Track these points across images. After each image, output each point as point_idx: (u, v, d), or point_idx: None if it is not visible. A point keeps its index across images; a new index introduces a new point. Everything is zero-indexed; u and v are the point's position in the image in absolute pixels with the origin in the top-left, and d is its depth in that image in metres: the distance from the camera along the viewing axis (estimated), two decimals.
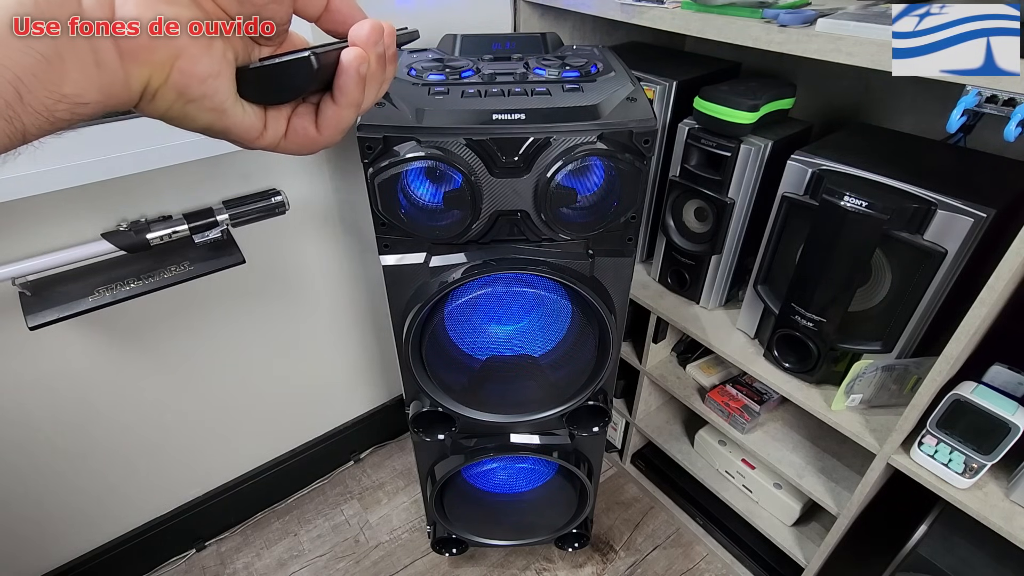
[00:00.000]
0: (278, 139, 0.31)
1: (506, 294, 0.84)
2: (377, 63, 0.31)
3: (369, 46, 0.30)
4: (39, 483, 1.06)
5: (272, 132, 0.31)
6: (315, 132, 0.32)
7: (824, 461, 1.09)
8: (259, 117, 0.30)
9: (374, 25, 0.31)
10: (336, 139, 0.33)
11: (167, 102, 0.26)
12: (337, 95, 0.31)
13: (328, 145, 0.33)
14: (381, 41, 0.31)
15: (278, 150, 0.32)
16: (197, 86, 0.26)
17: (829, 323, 0.89)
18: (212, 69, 0.26)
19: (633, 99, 0.68)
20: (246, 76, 0.28)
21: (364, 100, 0.32)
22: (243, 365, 1.21)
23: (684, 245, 1.10)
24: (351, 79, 0.30)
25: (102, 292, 0.87)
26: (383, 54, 0.32)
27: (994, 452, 0.75)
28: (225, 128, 0.28)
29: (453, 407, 0.90)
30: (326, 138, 0.32)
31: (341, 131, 0.33)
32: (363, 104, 0.32)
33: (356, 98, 0.31)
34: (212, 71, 0.26)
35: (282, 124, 0.31)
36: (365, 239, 1.23)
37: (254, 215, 0.99)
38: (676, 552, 1.34)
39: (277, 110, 0.31)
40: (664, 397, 1.42)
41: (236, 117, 0.28)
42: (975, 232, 0.73)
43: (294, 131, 0.31)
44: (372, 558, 1.32)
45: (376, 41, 0.31)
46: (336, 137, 0.33)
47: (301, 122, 0.31)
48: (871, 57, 0.66)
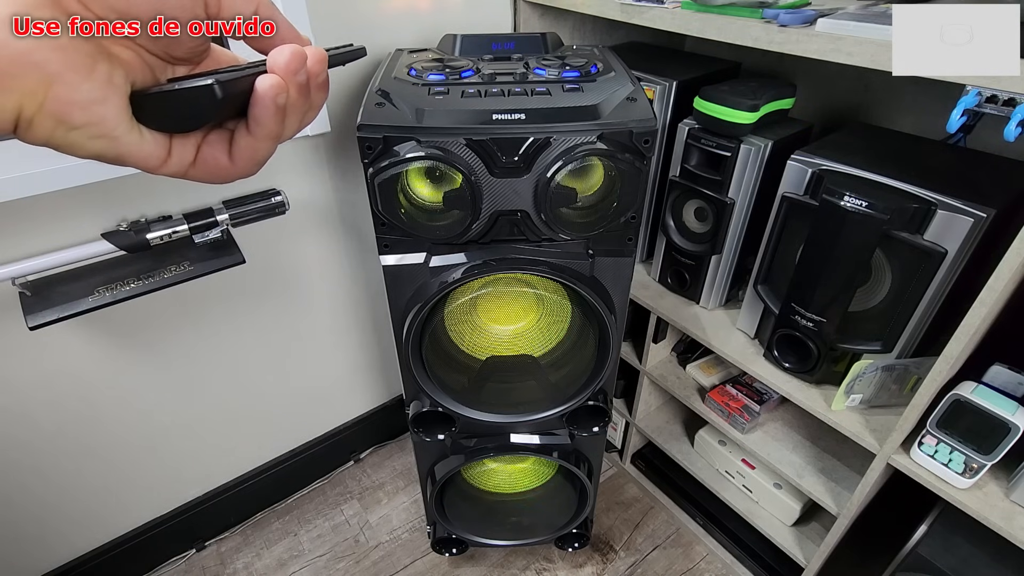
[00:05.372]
0: (185, 167, 0.28)
1: (506, 294, 0.84)
2: (298, 93, 0.28)
3: (288, 74, 0.28)
4: (39, 483, 1.06)
5: (178, 160, 0.28)
6: (227, 163, 0.29)
7: (824, 461, 1.09)
8: (161, 144, 0.27)
9: (295, 52, 0.28)
10: (252, 171, 0.30)
11: (46, 130, 0.23)
12: (252, 126, 0.28)
13: (243, 176, 0.30)
14: (304, 69, 0.28)
15: (186, 178, 0.29)
16: (79, 114, 0.24)
17: (829, 323, 0.89)
18: (94, 95, 0.24)
19: (633, 99, 0.68)
20: (141, 101, 0.26)
21: (284, 131, 0.29)
22: (243, 365, 1.21)
23: (684, 245, 1.10)
24: (267, 110, 0.27)
25: (102, 292, 0.87)
26: (306, 83, 0.29)
27: (994, 452, 0.75)
28: (119, 155, 0.26)
29: (453, 407, 0.90)
30: (240, 170, 0.30)
31: (258, 163, 0.30)
32: (283, 135, 0.29)
33: (273, 130, 0.28)
34: (94, 97, 0.24)
35: (190, 152, 0.28)
36: (365, 239, 1.23)
37: (254, 215, 0.99)
38: (676, 552, 1.34)
39: (184, 137, 0.28)
40: (664, 397, 1.42)
41: (131, 145, 0.26)
42: (975, 232, 0.73)
43: (204, 160, 0.29)
44: (372, 558, 1.32)
45: (297, 69, 0.28)
46: (252, 170, 0.30)
47: (212, 151, 0.29)
48: (871, 57, 0.66)
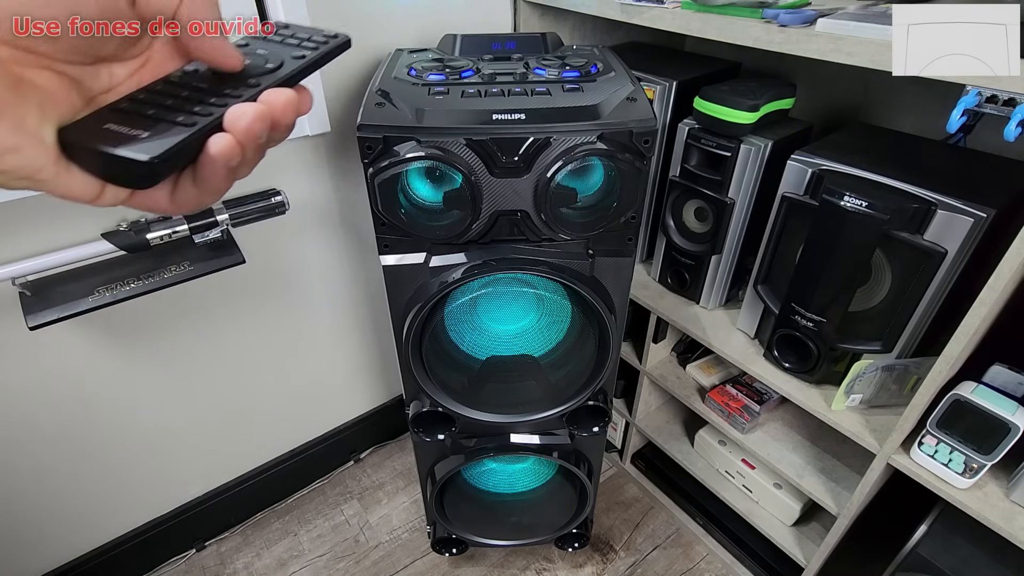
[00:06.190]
0: (120, 201, 0.26)
1: (506, 294, 0.84)
2: (256, 152, 0.26)
3: (249, 139, 0.25)
4: (39, 483, 1.06)
5: (112, 196, 0.26)
6: (167, 204, 0.27)
7: (824, 461, 1.09)
8: (92, 182, 0.25)
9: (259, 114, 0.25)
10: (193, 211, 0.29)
11: None
12: (199, 181, 0.26)
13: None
14: (266, 132, 0.26)
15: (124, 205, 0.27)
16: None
17: (829, 323, 0.89)
18: (5, 144, 0.22)
19: (633, 99, 0.68)
20: (72, 144, 0.24)
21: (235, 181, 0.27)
22: (243, 365, 1.21)
23: (684, 245, 1.10)
24: (217, 173, 0.25)
25: (102, 292, 0.87)
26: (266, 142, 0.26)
27: (994, 452, 0.75)
28: (48, 192, 0.24)
29: (453, 407, 0.90)
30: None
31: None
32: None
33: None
34: (6, 146, 0.22)
35: (124, 192, 0.26)
36: (365, 239, 1.23)
37: (254, 215, 0.99)
38: (676, 552, 1.34)
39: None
40: (664, 397, 1.42)
41: (59, 185, 0.24)
42: (975, 232, 0.73)
43: (141, 198, 0.26)
44: (372, 558, 1.32)
45: (259, 134, 0.25)
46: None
47: (150, 193, 0.26)
48: (871, 57, 0.66)
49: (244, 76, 0.29)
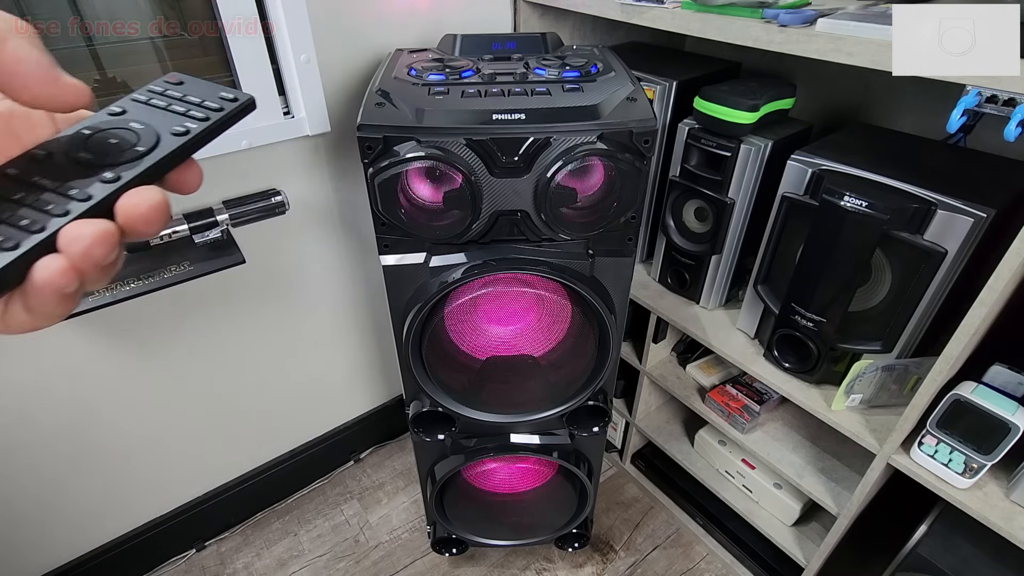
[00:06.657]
0: None
1: (506, 294, 0.84)
2: (102, 273, 0.22)
3: (88, 264, 0.21)
4: (39, 483, 1.06)
5: None
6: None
7: (824, 461, 1.09)
8: None
9: (101, 235, 0.21)
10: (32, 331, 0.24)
11: None
12: (28, 308, 0.22)
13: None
14: (113, 252, 0.22)
15: None
16: None
17: (829, 323, 0.89)
18: None
19: (633, 99, 0.68)
20: None
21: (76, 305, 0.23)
22: (243, 365, 1.21)
23: (684, 245, 1.10)
24: (47, 301, 0.21)
25: (102, 292, 0.87)
26: (115, 262, 0.22)
27: (994, 452, 0.75)
28: None
29: (453, 407, 0.90)
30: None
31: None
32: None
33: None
34: None
35: None
36: (365, 239, 1.23)
37: (254, 215, 0.99)
38: (676, 552, 1.34)
39: None
40: (664, 397, 1.42)
41: None
42: (975, 232, 0.73)
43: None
44: (372, 558, 1.32)
45: (103, 256, 0.21)
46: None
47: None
48: (871, 57, 0.66)
49: (102, 164, 0.24)
